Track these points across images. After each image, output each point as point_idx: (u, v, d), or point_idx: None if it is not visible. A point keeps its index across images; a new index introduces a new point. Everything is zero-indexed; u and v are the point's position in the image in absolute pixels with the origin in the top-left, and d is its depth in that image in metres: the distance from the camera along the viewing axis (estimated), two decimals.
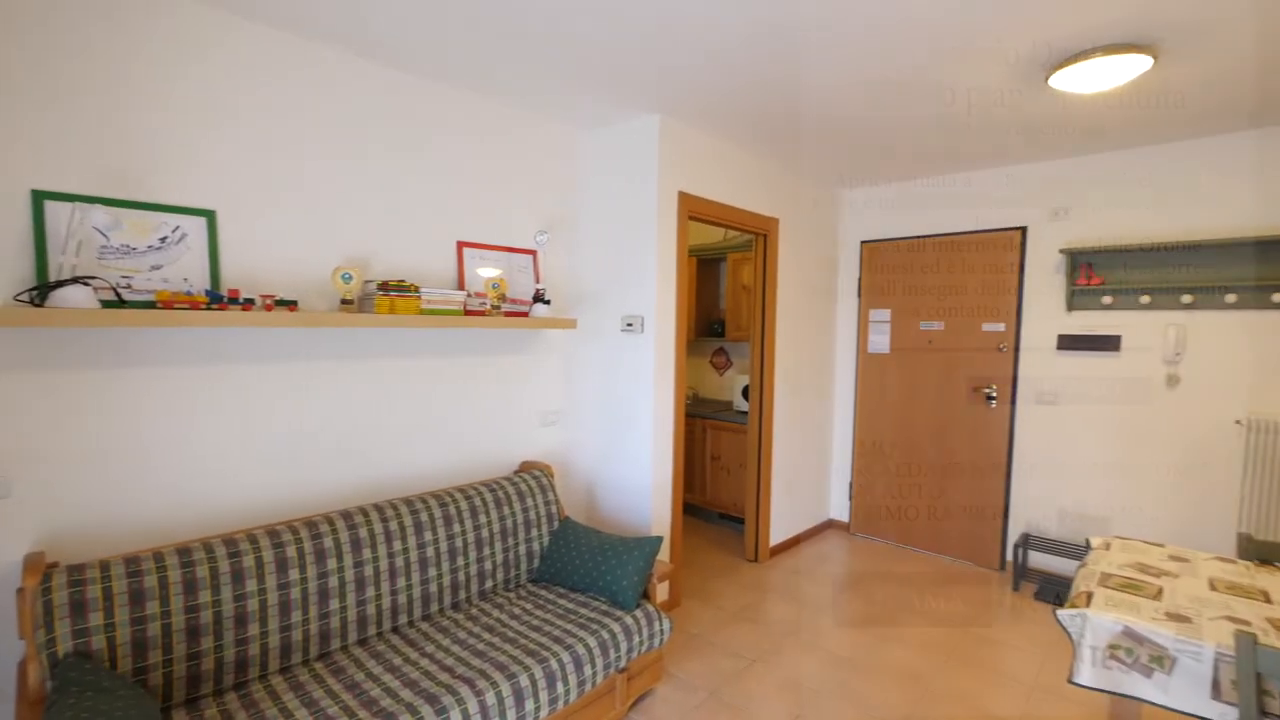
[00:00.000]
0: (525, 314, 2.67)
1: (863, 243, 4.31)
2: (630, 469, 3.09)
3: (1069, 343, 3.50)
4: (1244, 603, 1.61)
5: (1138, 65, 2.13)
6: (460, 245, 2.56)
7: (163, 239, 1.87)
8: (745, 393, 4.51)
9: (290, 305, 1.96)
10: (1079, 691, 2.56)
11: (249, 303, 1.89)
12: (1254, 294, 2.97)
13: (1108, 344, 3.38)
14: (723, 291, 5.00)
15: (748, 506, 3.91)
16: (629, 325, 3.00)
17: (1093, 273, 3.38)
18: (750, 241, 3.87)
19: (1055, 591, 3.45)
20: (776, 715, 2.38)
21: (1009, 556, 3.77)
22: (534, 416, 3.00)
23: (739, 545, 4.19)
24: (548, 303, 2.66)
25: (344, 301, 2.11)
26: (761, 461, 3.82)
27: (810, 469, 4.32)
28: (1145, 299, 3.24)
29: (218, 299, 1.82)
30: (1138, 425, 3.33)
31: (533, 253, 2.80)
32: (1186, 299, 3.12)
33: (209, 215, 1.95)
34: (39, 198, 1.67)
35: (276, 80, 2.09)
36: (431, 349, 2.55)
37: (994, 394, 3.77)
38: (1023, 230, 3.64)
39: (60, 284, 1.58)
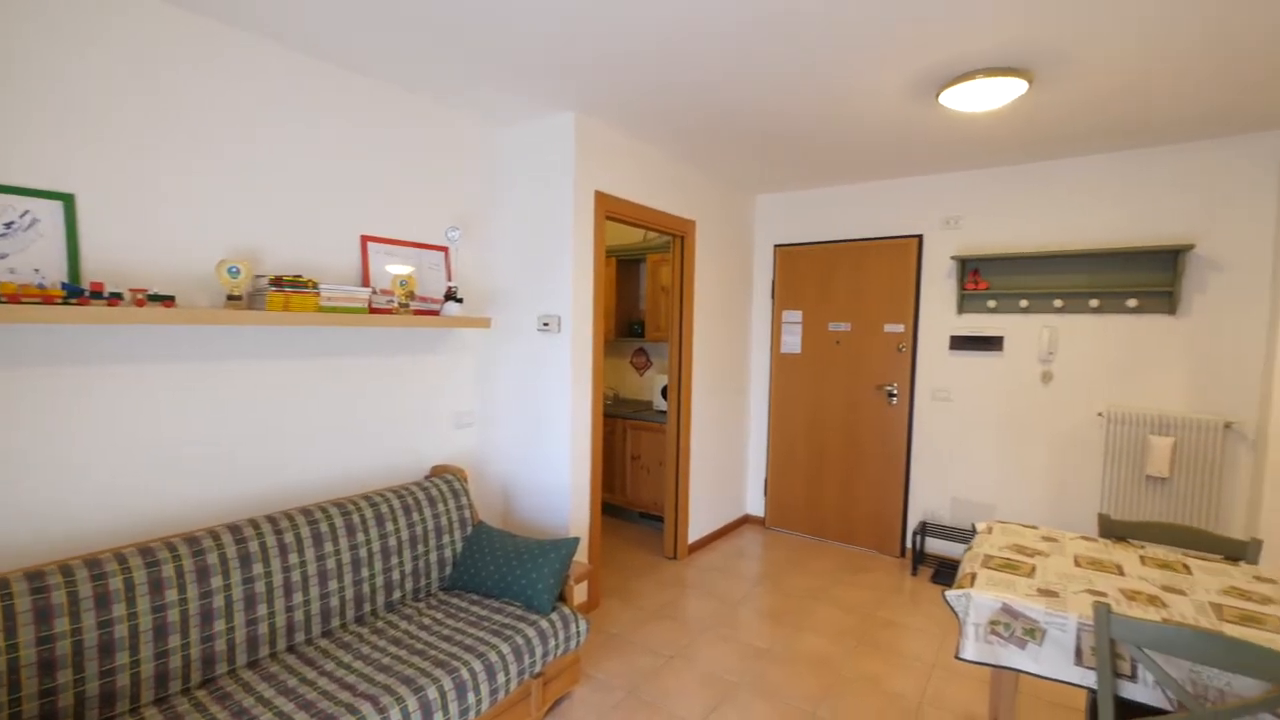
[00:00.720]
0: (436, 313, 2.57)
1: (776, 246, 4.47)
2: (548, 470, 3.04)
3: (959, 343, 3.78)
4: (1102, 576, 1.79)
5: (1015, 88, 2.32)
6: (365, 240, 2.43)
7: (8, 224, 1.65)
8: (665, 393, 4.56)
9: (166, 300, 1.79)
10: (972, 666, 2.76)
11: (116, 297, 1.70)
12: (1113, 299, 3.32)
13: (992, 344, 3.68)
14: (643, 292, 5.04)
15: (667, 505, 3.95)
16: (545, 325, 2.95)
17: (980, 278, 3.67)
18: (669, 243, 3.93)
19: (949, 574, 3.71)
20: (694, 709, 2.41)
21: (909, 544, 4.02)
22: (447, 418, 2.90)
23: (659, 544, 4.23)
24: (460, 301, 2.58)
25: (231, 298, 1.95)
26: (680, 460, 3.88)
27: (727, 466, 4.43)
28: (1024, 303, 3.55)
29: (77, 292, 1.63)
30: (1018, 418, 3.64)
31: (444, 250, 2.70)
32: (1058, 303, 3.44)
33: (66, 199, 1.75)
34: None
35: (151, 52, 1.90)
36: (334, 349, 2.41)
37: (895, 392, 4.01)
38: (919, 238, 3.90)
39: None
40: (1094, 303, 3.35)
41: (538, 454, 3.08)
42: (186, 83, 1.98)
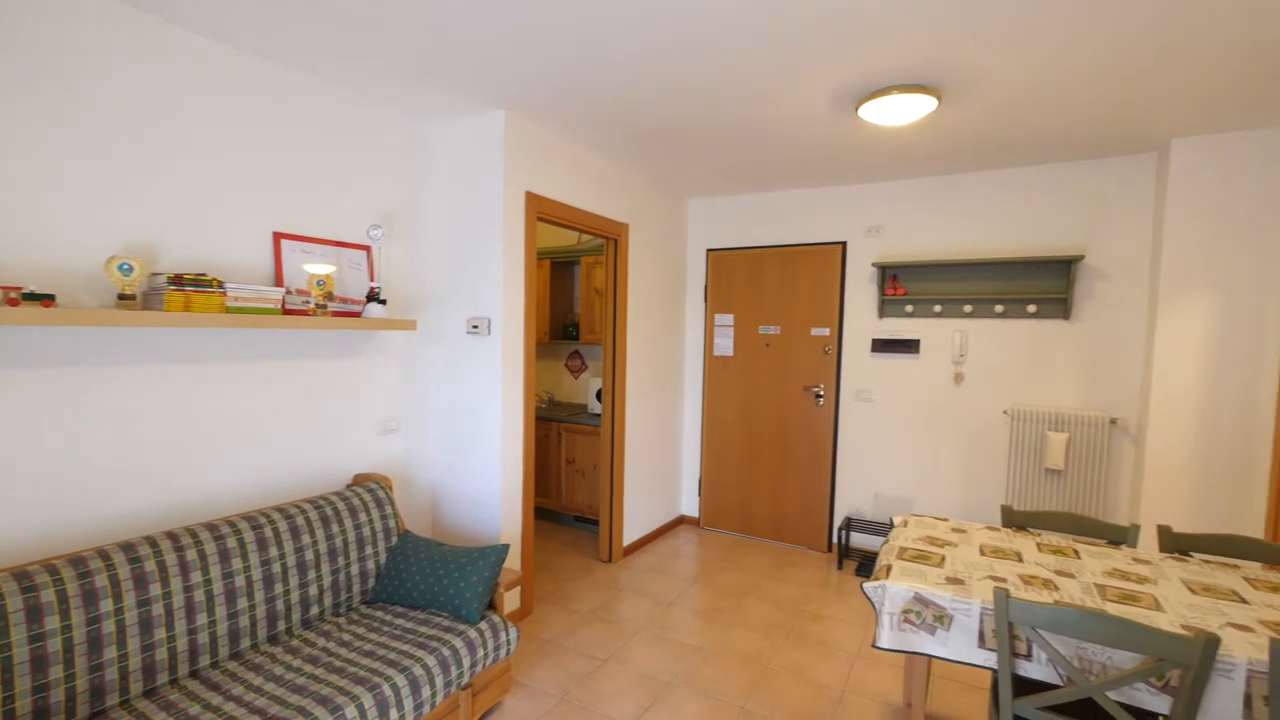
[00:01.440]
0: (358, 314, 2.47)
1: (709, 250, 4.55)
2: (478, 476, 2.98)
3: (880, 346, 3.97)
4: (1004, 563, 1.92)
5: (926, 105, 2.46)
6: (278, 237, 2.30)
7: None
8: (600, 395, 4.56)
9: (46, 300, 1.64)
10: (891, 654, 2.90)
11: None
12: (1015, 305, 3.57)
13: (910, 347, 3.88)
14: (577, 295, 5.01)
15: (601, 508, 3.94)
16: (475, 327, 2.89)
17: (898, 284, 3.86)
18: (603, 245, 3.93)
19: (871, 567, 3.88)
20: (627, 711, 2.41)
21: (835, 539, 4.18)
22: (371, 425, 2.78)
23: (594, 547, 4.21)
24: (383, 302, 2.48)
25: (123, 297, 1.80)
26: (614, 463, 3.88)
27: (662, 468, 4.47)
28: (938, 308, 3.76)
29: None
30: (933, 417, 3.86)
31: (367, 249, 2.60)
32: (968, 309, 3.67)
33: None
34: None
35: (32, 26, 1.74)
36: (247, 352, 2.27)
37: (821, 393, 4.16)
38: (844, 245, 4.06)
39: None
40: (999, 308, 3.60)
41: (468, 460, 3.00)
42: (76, 64, 1.82)
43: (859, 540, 4.12)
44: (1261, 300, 2.82)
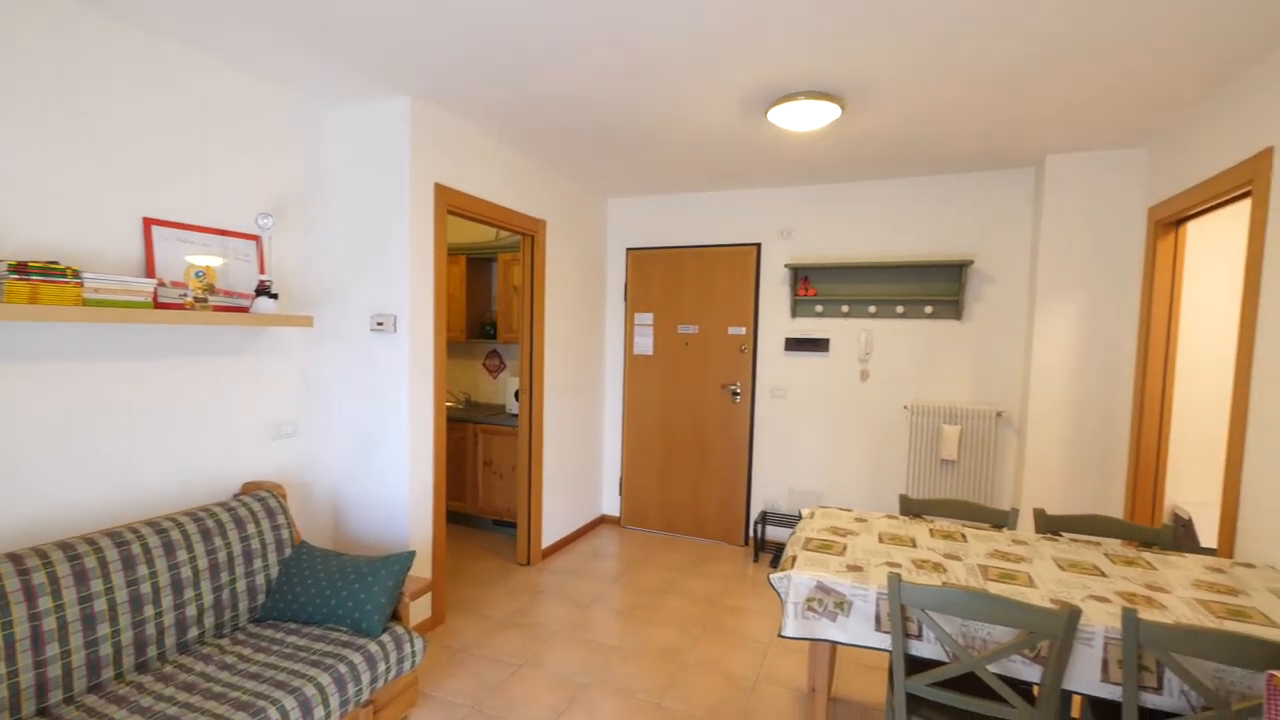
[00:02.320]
0: (245, 309, 2.28)
1: (629, 249, 4.56)
2: (384, 481, 2.83)
3: (793, 345, 4.11)
4: (900, 549, 2.02)
5: (830, 112, 2.56)
6: (149, 223, 2.08)
7: None
8: (518, 395, 4.45)
9: None
10: (801, 642, 2.99)
11: None
12: (914, 306, 3.79)
13: (820, 346, 4.04)
14: (495, 292, 4.89)
15: (519, 510, 3.86)
16: (379, 324, 2.74)
17: (809, 285, 4.01)
18: (521, 242, 3.84)
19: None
20: (541, 715, 2.36)
21: (752, 533, 4.29)
22: (263, 429, 2.58)
23: (513, 551, 4.12)
24: (275, 297, 2.30)
25: None
26: (532, 463, 3.81)
27: (583, 468, 4.43)
28: (845, 308, 3.94)
29: None
30: (842, 413, 4.03)
31: (256, 238, 2.40)
32: (872, 309, 3.86)
33: None
34: None
35: None
36: (114, 350, 2.04)
37: (738, 390, 4.26)
38: (758, 246, 4.18)
39: None
40: (900, 309, 3.81)
41: (373, 464, 2.85)
42: None
43: (774, 533, 4.24)
44: (1121, 304, 3.13)
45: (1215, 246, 2.93)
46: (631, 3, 1.85)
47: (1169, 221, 2.79)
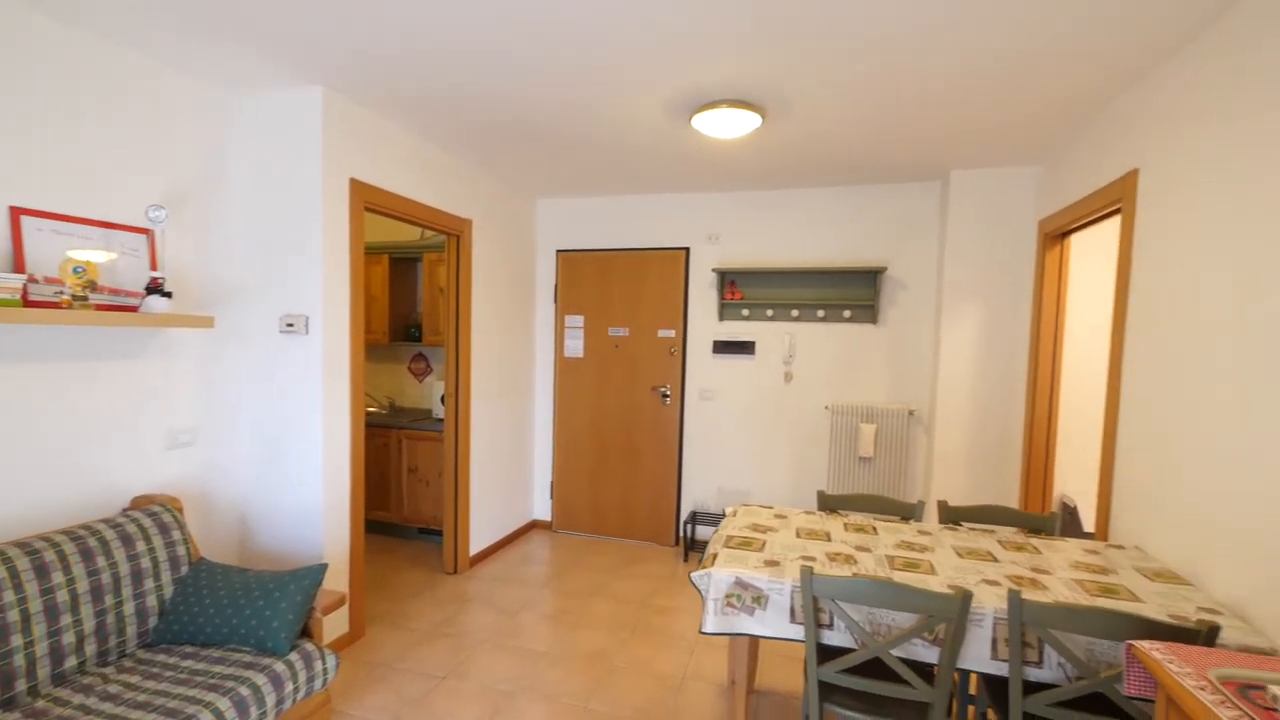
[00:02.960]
0: (134, 309, 2.11)
1: (558, 251, 4.53)
2: (296, 491, 2.69)
3: (721, 347, 4.20)
4: (815, 543, 2.10)
5: (751, 121, 2.64)
6: (16, 213, 1.89)
7: None
8: (445, 399, 4.34)
9: None
10: (725, 639, 3.05)
11: None
12: (834, 310, 3.96)
13: (746, 348, 4.15)
14: (420, 294, 4.74)
15: (446, 517, 3.75)
16: (290, 325, 2.61)
17: (736, 289, 4.11)
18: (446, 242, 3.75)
19: None
20: None
21: (682, 533, 4.34)
22: (157, 438, 2.39)
23: (440, 560, 4.00)
24: (168, 295, 2.14)
25: None
26: (459, 469, 3.71)
27: (513, 472, 4.36)
28: (770, 312, 4.06)
29: None
30: (768, 413, 4.15)
31: (147, 232, 2.23)
32: (795, 313, 4.00)
33: None
34: None
35: None
36: None
37: (668, 392, 4.31)
38: (687, 250, 4.25)
39: None
40: (821, 313, 3.97)
41: (284, 473, 2.70)
42: None
43: (704, 532, 4.32)
44: (1016, 312, 3.39)
45: (1096, 258, 3.22)
46: (548, 3, 1.85)
47: (1055, 234, 3.04)
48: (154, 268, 2.21)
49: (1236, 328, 1.71)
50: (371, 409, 4.73)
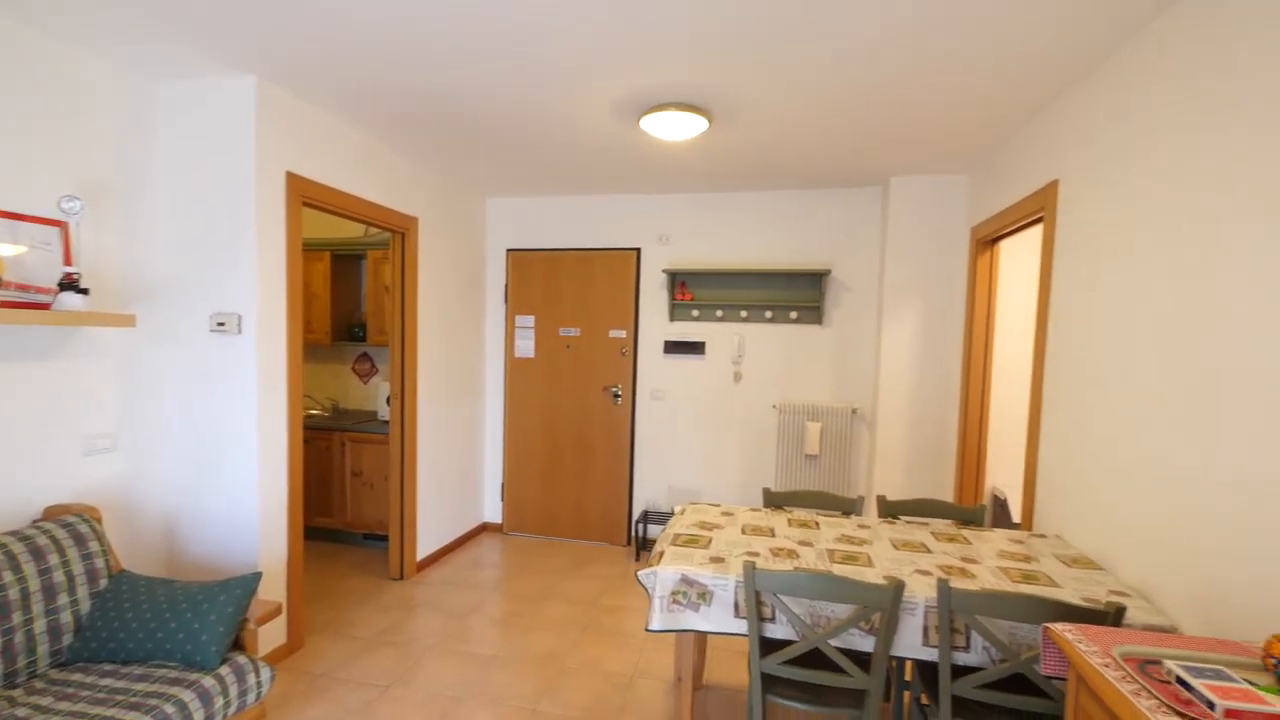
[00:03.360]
0: (45, 305, 1.98)
1: (509, 250, 4.48)
2: (229, 497, 2.57)
3: (671, 347, 4.24)
4: (760, 539, 2.15)
5: (698, 124, 2.68)
6: None
7: None
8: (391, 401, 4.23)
9: None
10: (684, 636, 3.08)
11: None
12: (781, 311, 4.05)
13: (697, 349, 4.20)
14: (364, 292, 4.61)
15: (392, 522, 3.66)
16: (221, 324, 2.49)
17: (686, 290, 4.16)
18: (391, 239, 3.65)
19: None
20: None
21: (634, 532, 4.36)
22: (73, 444, 2.25)
23: (385, 566, 3.89)
24: (84, 292, 2.01)
25: None
26: (405, 472, 3.63)
27: (462, 474, 4.28)
28: (720, 313, 4.12)
29: None
30: (718, 412, 4.22)
31: (60, 224, 2.09)
32: (744, 314, 4.07)
33: None
34: None
35: None
36: None
37: (619, 392, 4.32)
38: (638, 251, 4.27)
39: None
40: (769, 314, 4.05)
41: (216, 479, 2.58)
42: None
43: (656, 531, 4.35)
44: (951, 314, 3.54)
45: (1023, 263, 3.40)
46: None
47: (985, 240, 3.20)
48: (68, 262, 2.07)
49: (1138, 331, 1.84)
50: (313, 411, 4.57)
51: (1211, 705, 1.00)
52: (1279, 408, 1.33)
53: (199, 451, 2.59)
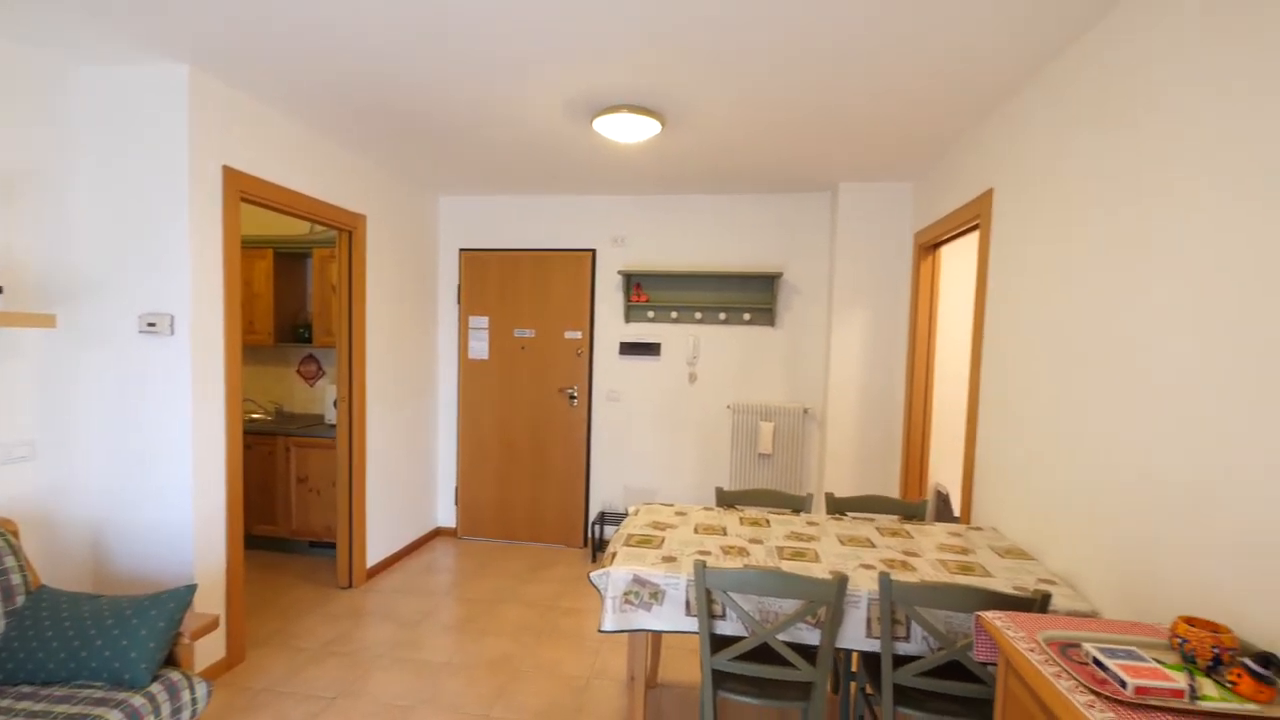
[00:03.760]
0: None
1: (461, 250, 4.41)
2: (162, 507, 2.45)
3: (627, 349, 4.25)
4: (712, 538, 2.18)
5: (651, 127, 2.70)
6: None
7: None
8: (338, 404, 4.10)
9: None
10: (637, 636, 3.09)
11: None
12: (734, 313, 4.11)
13: (652, 350, 4.23)
14: (310, 292, 4.46)
15: (339, 529, 3.55)
16: (151, 325, 2.37)
17: (641, 291, 4.18)
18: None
19: None
20: None
21: (590, 534, 4.35)
22: None
23: (333, 574, 3.78)
24: None
25: None
26: (353, 478, 3.53)
27: (414, 479, 4.19)
28: (675, 314, 4.16)
29: None
30: (673, 413, 4.25)
31: None
32: (698, 315, 4.12)
33: None
34: None
35: None
36: None
37: (575, 394, 4.31)
38: (593, 252, 4.27)
39: None
40: (723, 315, 4.11)
41: (147, 489, 2.45)
42: None
43: (612, 532, 4.35)
44: (896, 317, 3.67)
45: (964, 269, 3.55)
46: None
47: (927, 246, 3.32)
48: None
49: (1062, 336, 1.95)
50: (255, 415, 4.39)
51: (1124, 683, 1.07)
52: (1184, 412, 1.43)
53: (128, 458, 2.46)
